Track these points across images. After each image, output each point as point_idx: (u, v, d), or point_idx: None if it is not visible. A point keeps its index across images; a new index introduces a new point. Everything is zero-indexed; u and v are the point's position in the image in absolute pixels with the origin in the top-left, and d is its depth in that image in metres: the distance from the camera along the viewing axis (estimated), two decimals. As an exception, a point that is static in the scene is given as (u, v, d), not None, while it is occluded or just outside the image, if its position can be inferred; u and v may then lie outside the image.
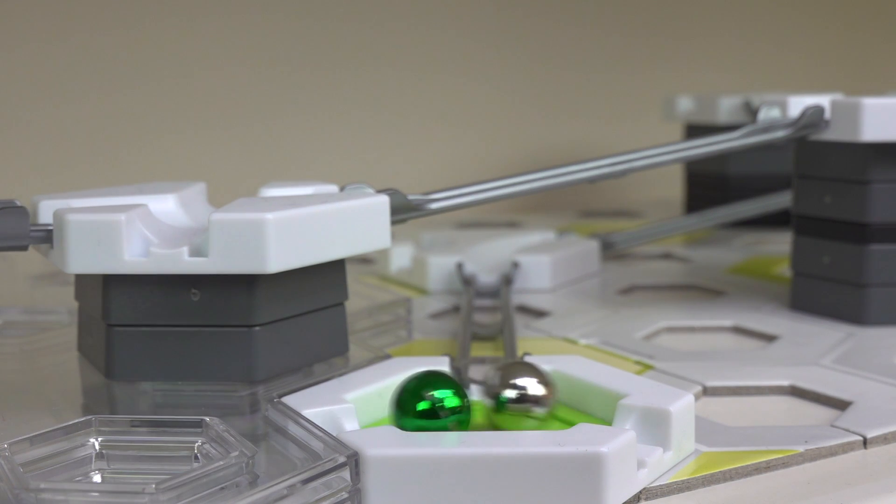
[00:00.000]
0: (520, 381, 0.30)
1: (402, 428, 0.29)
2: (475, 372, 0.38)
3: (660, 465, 0.30)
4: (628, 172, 0.45)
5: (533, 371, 0.31)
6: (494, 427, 0.31)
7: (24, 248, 0.35)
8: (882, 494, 0.29)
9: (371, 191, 0.38)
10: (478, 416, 0.31)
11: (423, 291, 0.54)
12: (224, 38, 0.77)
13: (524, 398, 0.30)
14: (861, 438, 0.33)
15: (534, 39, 0.89)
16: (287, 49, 0.79)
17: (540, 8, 0.89)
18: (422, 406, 0.29)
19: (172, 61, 0.75)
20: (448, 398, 0.29)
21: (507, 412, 0.30)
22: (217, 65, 0.77)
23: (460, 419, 0.29)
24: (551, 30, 0.89)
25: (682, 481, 0.30)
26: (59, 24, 0.72)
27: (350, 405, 0.31)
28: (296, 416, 0.30)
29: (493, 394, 0.30)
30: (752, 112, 0.67)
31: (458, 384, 0.30)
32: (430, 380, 0.29)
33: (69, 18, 0.72)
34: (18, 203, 0.35)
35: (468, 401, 0.30)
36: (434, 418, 0.29)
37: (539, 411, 0.30)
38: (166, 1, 0.75)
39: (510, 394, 0.30)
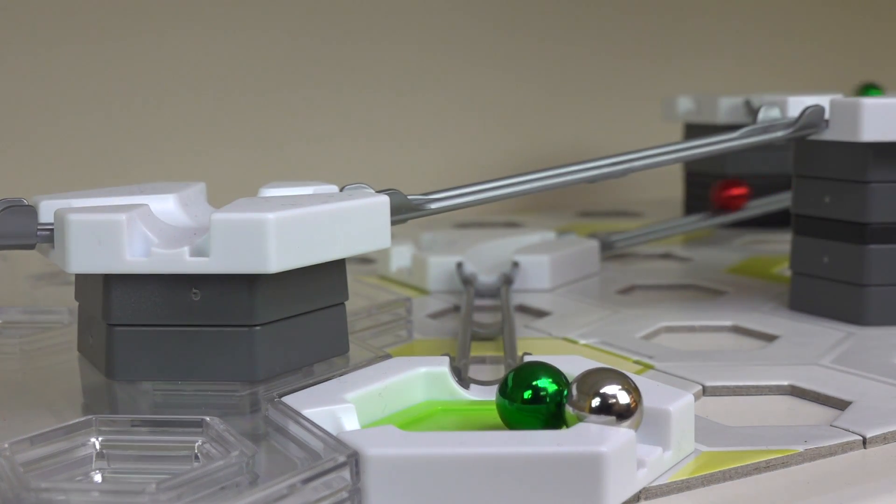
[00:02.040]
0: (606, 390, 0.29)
1: (510, 416, 0.31)
2: (475, 372, 0.38)
3: (659, 464, 0.30)
4: (628, 172, 0.45)
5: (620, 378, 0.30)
6: None
7: (31, 247, 0.35)
8: (882, 494, 0.29)
9: (371, 191, 0.38)
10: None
11: (423, 291, 0.54)
12: (223, 38, 0.77)
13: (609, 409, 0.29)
14: (861, 438, 0.33)
15: (533, 40, 0.89)
16: (286, 49, 0.79)
17: (540, 8, 0.89)
18: (527, 394, 0.31)
19: (173, 62, 0.75)
20: (549, 385, 0.31)
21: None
22: (217, 65, 0.77)
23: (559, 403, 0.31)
24: (551, 30, 0.89)
25: (682, 481, 0.30)
26: (59, 25, 0.72)
27: (350, 405, 0.31)
28: (296, 416, 0.30)
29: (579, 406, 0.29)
30: (752, 112, 0.67)
31: (557, 372, 0.31)
32: (532, 370, 0.31)
33: (69, 19, 0.72)
34: (26, 202, 0.35)
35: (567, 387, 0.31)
36: (538, 404, 0.30)
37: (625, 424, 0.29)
38: (166, 2, 0.75)
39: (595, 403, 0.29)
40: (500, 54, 0.87)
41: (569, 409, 0.29)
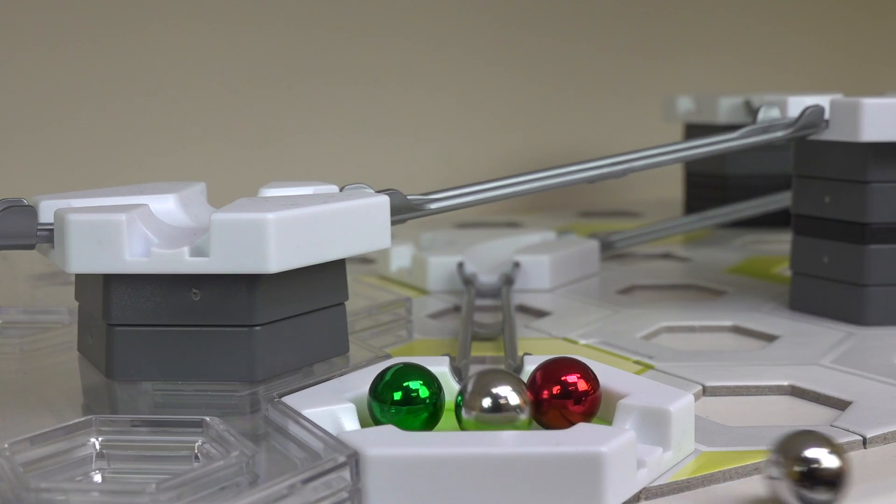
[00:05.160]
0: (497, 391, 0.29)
1: (377, 416, 0.31)
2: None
3: (659, 464, 0.30)
4: (628, 172, 0.45)
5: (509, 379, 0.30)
6: None
7: (31, 247, 0.35)
8: (882, 494, 0.29)
9: (371, 191, 0.38)
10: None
11: (423, 291, 0.54)
12: (224, 39, 0.77)
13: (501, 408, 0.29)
14: (861, 438, 0.33)
15: (533, 40, 0.89)
16: (286, 50, 0.79)
17: (540, 8, 0.89)
18: (397, 396, 0.30)
19: (173, 62, 0.75)
20: (420, 388, 0.31)
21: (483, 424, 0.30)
22: (217, 65, 0.77)
23: (433, 407, 0.31)
24: (551, 30, 0.89)
25: (682, 481, 0.30)
26: (60, 26, 0.72)
27: (350, 405, 0.31)
28: (296, 416, 0.30)
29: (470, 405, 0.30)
30: (752, 112, 0.67)
31: (429, 375, 0.31)
32: (404, 371, 0.31)
33: (71, 20, 0.72)
34: (26, 202, 0.35)
35: (439, 390, 0.31)
36: (409, 405, 0.30)
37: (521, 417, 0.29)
38: (167, 3, 0.75)
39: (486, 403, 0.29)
40: (500, 55, 0.87)
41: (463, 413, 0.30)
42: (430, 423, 0.31)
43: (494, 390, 0.29)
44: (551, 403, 0.31)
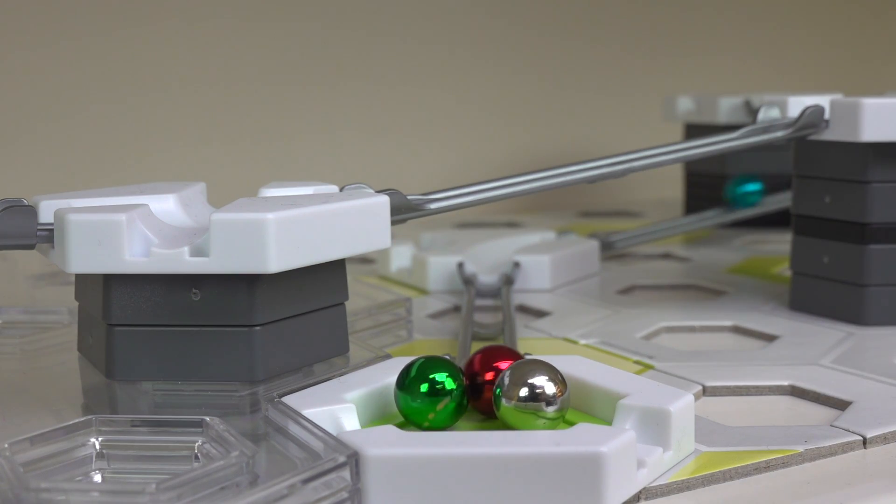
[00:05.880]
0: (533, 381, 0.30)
1: (406, 408, 0.31)
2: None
3: (660, 464, 0.30)
4: (628, 172, 0.45)
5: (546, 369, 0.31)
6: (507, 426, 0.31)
7: (31, 247, 0.35)
8: (882, 494, 0.29)
9: (371, 191, 0.38)
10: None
11: (423, 291, 0.54)
12: (224, 39, 0.77)
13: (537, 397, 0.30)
14: (861, 438, 0.33)
15: (533, 39, 0.89)
16: (287, 50, 0.79)
17: (540, 8, 0.89)
18: (424, 387, 0.31)
19: (173, 61, 0.75)
20: (446, 381, 0.31)
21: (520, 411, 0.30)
22: (217, 65, 0.77)
23: (456, 400, 0.31)
24: (551, 30, 0.89)
25: (682, 481, 0.30)
26: (60, 26, 0.72)
27: (350, 405, 0.31)
28: (296, 416, 0.30)
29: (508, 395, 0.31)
30: (752, 112, 0.67)
31: (454, 367, 0.32)
32: (430, 364, 0.32)
33: (71, 20, 0.72)
34: (26, 202, 0.35)
35: (462, 383, 0.32)
36: (434, 397, 0.31)
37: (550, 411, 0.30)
38: (168, 3, 0.75)
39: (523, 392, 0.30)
40: (500, 55, 0.87)
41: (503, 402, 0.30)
42: (458, 414, 0.31)
43: (531, 380, 0.30)
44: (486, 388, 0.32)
